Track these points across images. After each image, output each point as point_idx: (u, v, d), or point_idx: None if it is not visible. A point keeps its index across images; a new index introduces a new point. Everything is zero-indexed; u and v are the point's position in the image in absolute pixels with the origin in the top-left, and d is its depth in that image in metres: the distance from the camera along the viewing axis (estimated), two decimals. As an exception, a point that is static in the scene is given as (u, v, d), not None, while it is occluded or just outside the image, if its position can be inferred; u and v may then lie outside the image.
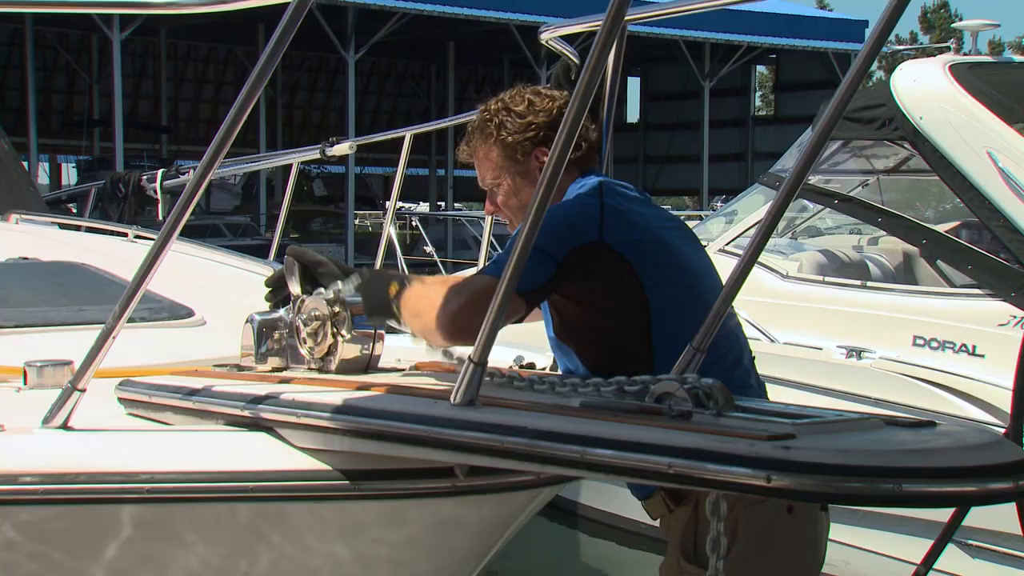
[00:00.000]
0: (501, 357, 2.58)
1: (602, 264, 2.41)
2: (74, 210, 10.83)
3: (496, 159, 2.64)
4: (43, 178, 44.09)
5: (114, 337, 2.09)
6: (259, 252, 6.00)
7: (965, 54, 6.22)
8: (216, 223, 26.46)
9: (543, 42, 3.25)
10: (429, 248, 16.16)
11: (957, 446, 1.48)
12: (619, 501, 5.67)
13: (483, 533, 2.13)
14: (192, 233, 2.20)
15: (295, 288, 2.55)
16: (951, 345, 5.01)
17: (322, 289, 2.48)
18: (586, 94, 1.65)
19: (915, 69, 5.63)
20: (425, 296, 2.35)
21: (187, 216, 2.04)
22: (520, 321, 2.44)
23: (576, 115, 1.66)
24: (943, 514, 3.02)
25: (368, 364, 2.47)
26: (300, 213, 32.46)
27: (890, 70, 5.97)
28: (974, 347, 4.94)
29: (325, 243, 29.46)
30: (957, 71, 5.45)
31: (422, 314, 2.34)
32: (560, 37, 3.20)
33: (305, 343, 2.48)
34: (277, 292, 2.68)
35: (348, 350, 2.44)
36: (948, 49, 7.72)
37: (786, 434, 1.50)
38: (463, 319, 2.23)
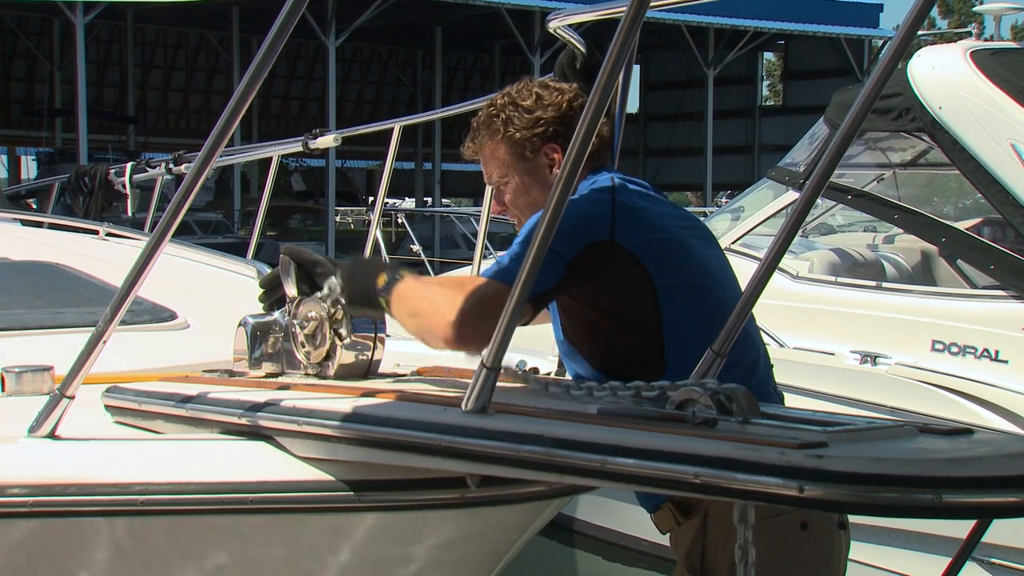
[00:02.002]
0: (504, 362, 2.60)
1: (614, 264, 2.44)
2: (34, 206, 10.80)
3: (503, 156, 2.65)
4: (1, 171, 44.00)
5: (104, 342, 2.11)
6: (233, 250, 6.00)
7: (987, 40, 6.23)
8: (186, 220, 26.34)
9: (551, 30, 3.27)
10: (416, 247, 16.07)
11: (998, 455, 1.51)
12: (618, 517, 5.68)
13: (493, 546, 2.16)
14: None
15: (291, 289, 2.57)
16: (972, 350, 5.02)
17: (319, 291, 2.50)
18: (606, 89, 1.68)
19: (934, 56, 5.62)
20: (424, 297, 2.36)
21: (183, 214, 2.07)
22: (527, 324, 2.46)
23: (596, 110, 1.69)
24: (962, 530, 3.04)
25: (368, 369, 2.50)
26: (278, 209, 32.46)
27: (907, 57, 5.93)
28: (996, 352, 4.95)
29: (304, 241, 29.50)
30: (978, 58, 5.44)
31: (421, 315, 2.35)
32: (567, 25, 3.21)
33: (302, 347, 2.50)
34: (271, 293, 2.69)
35: (347, 355, 2.46)
36: (969, 34, 7.73)
37: (817, 442, 1.53)
38: (468, 328, 2.24)
